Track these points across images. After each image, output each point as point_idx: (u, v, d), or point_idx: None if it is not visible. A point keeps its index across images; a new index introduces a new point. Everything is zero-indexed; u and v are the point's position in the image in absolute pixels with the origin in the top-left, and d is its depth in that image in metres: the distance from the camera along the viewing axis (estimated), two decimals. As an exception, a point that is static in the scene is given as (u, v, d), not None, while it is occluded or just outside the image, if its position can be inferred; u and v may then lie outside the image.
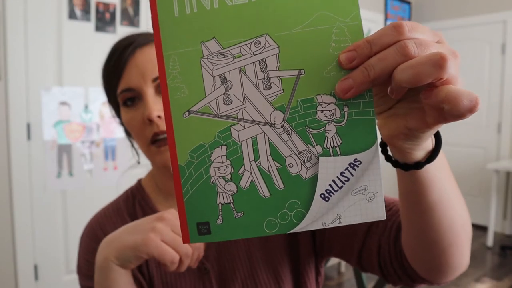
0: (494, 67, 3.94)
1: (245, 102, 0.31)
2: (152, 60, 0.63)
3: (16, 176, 2.01)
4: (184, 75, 0.31)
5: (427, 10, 4.38)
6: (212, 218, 0.32)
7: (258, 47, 0.30)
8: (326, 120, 0.30)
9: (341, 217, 0.31)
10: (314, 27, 0.29)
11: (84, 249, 0.70)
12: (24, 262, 2.06)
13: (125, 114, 0.65)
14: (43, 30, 2.05)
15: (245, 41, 0.30)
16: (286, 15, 0.30)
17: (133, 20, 2.35)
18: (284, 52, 0.30)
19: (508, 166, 3.40)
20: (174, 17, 0.31)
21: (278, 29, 0.30)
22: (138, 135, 0.64)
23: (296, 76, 0.30)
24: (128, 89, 0.63)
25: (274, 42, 0.30)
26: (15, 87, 1.97)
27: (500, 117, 3.92)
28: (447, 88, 0.27)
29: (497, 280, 2.90)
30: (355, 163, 0.31)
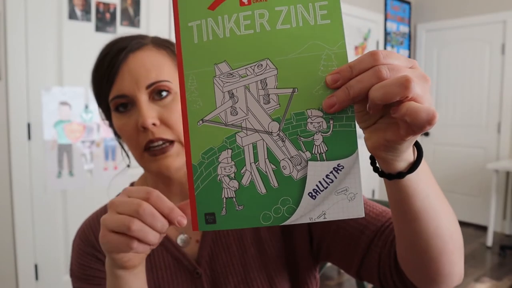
0: (494, 67, 3.94)
1: (248, 113, 0.37)
2: (145, 65, 0.61)
3: (17, 176, 2.01)
4: (200, 90, 0.38)
5: (427, 10, 4.38)
6: (218, 210, 0.38)
7: (260, 69, 0.37)
8: (314, 130, 0.36)
9: (326, 213, 0.37)
10: (307, 53, 0.36)
11: (77, 253, 0.69)
12: (25, 262, 2.06)
13: (118, 120, 0.63)
14: (44, 30, 2.05)
15: (250, 64, 0.37)
16: (284, 43, 0.36)
17: (133, 20, 2.35)
18: (281, 73, 0.36)
19: (507, 166, 3.40)
20: (194, 43, 0.38)
21: (277, 55, 0.36)
22: (131, 141, 0.63)
23: (291, 94, 0.36)
24: (121, 96, 0.61)
25: (274, 65, 0.37)
26: (15, 87, 1.97)
27: (500, 117, 3.93)
28: (409, 104, 0.33)
29: (496, 280, 2.90)
30: (339, 167, 0.36)
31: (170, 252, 0.68)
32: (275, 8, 0.36)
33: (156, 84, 0.61)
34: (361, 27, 3.91)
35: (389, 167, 0.40)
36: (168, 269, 0.67)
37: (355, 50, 3.87)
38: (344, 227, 0.62)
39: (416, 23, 4.48)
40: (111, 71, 0.61)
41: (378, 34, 4.10)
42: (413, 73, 0.34)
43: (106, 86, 0.62)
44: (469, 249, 3.49)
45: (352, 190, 0.36)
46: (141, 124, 0.59)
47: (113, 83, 0.61)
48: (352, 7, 3.77)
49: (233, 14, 0.37)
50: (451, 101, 4.25)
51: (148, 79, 0.60)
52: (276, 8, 0.36)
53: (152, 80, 0.60)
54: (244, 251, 0.67)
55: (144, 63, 0.61)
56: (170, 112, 0.61)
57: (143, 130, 0.60)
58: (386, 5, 4.14)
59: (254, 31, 0.37)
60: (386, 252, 0.57)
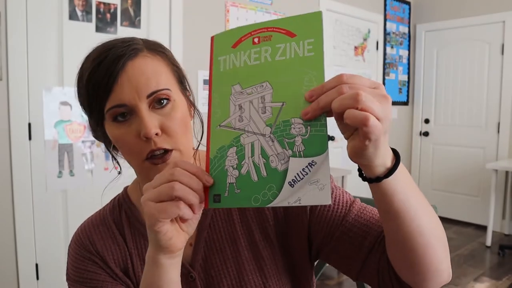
0: (493, 67, 3.95)
1: (250, 121, 0.49)
2: (144, 73, 0.60)
3: (17, 175, 2.02)
4: (220, 104, 0.51)
5: (427, 11, 4.39)
6: (222, 192, 0.50)
7: (261, 89, 0.49)
8: (296, 133, 0.46)
9: (301, 199, 0.46)
10: (295, 76, 0.47)
11: (73, 257, 0.70)
12: (26, 262, 2.07)
13: (116, 130, 0.61)
14: (44, 31, 2.05)
15: (255, 85, 0.49)
16: (279, 70, 0.48)
17: (134, 20, 2.36)
18: (276, 92, 0.48)
19: (507, 166, 3.41)
20: (220, 71, 0.52)
21: (274, 78, 0.48)
22: (130, 151, 0.61)
23: (280, 106, 0.47)
24: (121, 105, 0.59)
25: (271, 86, 0.49)
26: (16, 87, 1.98)
27: (499, 117, 3.93)
28: (349, 110, 0.41)
29: (496, 279, 2.91)
30: (312, 163, 0.45)
31: None
32: (276, 45, 0.49)
33: (157, 93, 0.60)
34: (361, 28, 3.92)
35: (369, 172, 0.48)
36: None
37: (355, 50, 3.88)
38: (348, 233, 0.63)
39: (415, 23, 4.49)
40: (108, 80, 0.58)
41: (378, 34, 4.10)
42: (372, 91, 0.43)
43: (103, 95, 0.59)
44: (468, 249, 3.50)
45: (322, 182, 0.45)
46: (144, 135, 0.58)
47: (110, 92, 0.59)
48: (352, 7, 3.77)
49: (247, 50, 0.50)
50: (451, 101, 4.26)
51: (149, 88, 0.59)
52: (277, 45, 0.49)
53: (153, 89, 0.60)
54: (238, 254, 0.68)
55: (143, 71, 0.60)
56: (171, 121, 0.60)
57: (145, 140, 0.59)
58: (386, 6, 4.15)
59: (260, 62, 0.49)
60: (385, 257, 0.58)
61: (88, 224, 0.72)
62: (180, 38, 2.57)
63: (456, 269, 3.07)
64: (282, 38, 0.48)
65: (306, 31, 0.47)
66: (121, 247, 0.69)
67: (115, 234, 0.70)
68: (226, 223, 0.69)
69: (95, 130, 0.67)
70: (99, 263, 0.68)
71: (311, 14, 0.47)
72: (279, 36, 0.49)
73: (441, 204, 4.27)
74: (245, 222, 0.69)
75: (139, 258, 0.69)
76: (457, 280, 2.87)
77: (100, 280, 0.67)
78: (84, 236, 0.70)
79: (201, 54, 2.70)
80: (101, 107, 0.60)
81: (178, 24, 2.56)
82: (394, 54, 4.31)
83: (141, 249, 0.70)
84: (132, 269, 0.69)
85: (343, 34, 3.75)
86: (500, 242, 3.55)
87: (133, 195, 0.74)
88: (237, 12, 2.90)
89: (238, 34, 0.51)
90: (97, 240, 0.69)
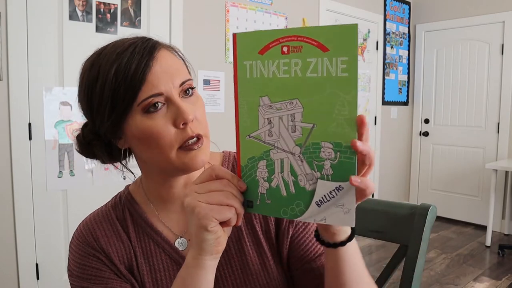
0: (493, 67, 3.95)
1: (280, 137, 0.49)
2: (172, 65, 0.61)
3: (18, 175, 2.02)
4: (248, 114, 0.51)
5: (426, 11, 4.39)
6: (255, 199, 0.53)
7: (291, 106, 0.48)
8: (325, 157, 0.47)
9: (326, 219, 0.48)
10: (327, 98, 0.45)
11: (76, 253, 0.68)
12: (26, 261, 2.07)
13: (148, 121, 0.59)
14: (45, 31, 2.06)
15: (284, 101, 0.48)
16: (310, 88, 0.46)
17: (134, 21, 2.36)
18: (306, 111, 0.47)
19: (506, 166, 3.41)
20: (246, 77, 0.50)
21: (304, 96, 0.47)
22: (162, 141, 0.60)
23: (311, 128, 0.47)
24: (157, 94, 0.58)
25: (301, 104, 0.47)
26: (16, 87, 1.98)
27: (499, 117, 3.94)
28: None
29: (495, 279, 2.91)
30: (339, 187, 0.47)
31: (169, 255, 0.69)
32: (306, 59, 0.46)
33: (186, 83, 0.62)
34: (360, 28, 3.92)
35: (333, 238, 0.54)
36: (167, 271, 0.68)
37: (354, 50, 3.88)
38: (314, 271, 0.69)
39: (415, 23, 4.49)
40: (142, 70, 0.58)
41: (378, 35, 4.11)
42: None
43: (135, 86, 0.58)
44: (468, 249, 3.50)
45: (348, 206, 0.46)
46: (184, 120, 0.59)
47: (143, 82, 0.58)
48: (352, 7, 3.78)
49: (276, 60, 0.48)
50: (450, 101, 4.27)
51: (179, 77, 0.61)
52: (308, 59, 0.46)
53: (183, 78, 0.62)
54: (243, 253, 0.68)
55: (171, 61, 0.62)
56: (198, 109, 0.63)
57: (182, 127, 0.60)
58: (386, 6, 4.15)
59: (289, 76, 0.47)
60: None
61: (91, 220, 0.71)
62: (180, 38, 2.57)
63: (456, 269, 3.07)
64: (313, 51, 0.45)
65: (339, 46, 0.44)
66: (125, 244, 0.69)
67: (119, 231, 0.70)
68: None
69: (97, 135, 0.64)
70: (103, 259, 0.67)
71: (346, 27, 0.44)
72: (310, 48, 0.46)
73: (440, 204, 4.27)
74: (249, 221, 0.70)
75: (143, 256, 0.69)
76: (457, 280, 2.88)
77: (104, 277, 0.66)
78: (87, 232, 0.69)
79: (201, 54, 2.70)
80: (132, 98, 0.58)
81: (178, 24, 2.57)
82: (394, 54, 4.31)
83: (145, 247, 0.69)
84: (136, 267, 0.68)
85: (343, 34, 3.74)
86: (500, 242, 3.55)
87: (136, 195, 0.73)
88: (237, 12, 2.90)
89: (265, 38, 0.48)
90: (101, 236, 0.68)
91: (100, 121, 0.62)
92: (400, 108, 4.43)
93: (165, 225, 0.70)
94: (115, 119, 0.60)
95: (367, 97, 4.07)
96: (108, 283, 0.66)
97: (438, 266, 3.13)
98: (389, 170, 4.36)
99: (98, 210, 0.74)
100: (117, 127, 0.61)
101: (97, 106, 0.61)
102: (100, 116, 0.61)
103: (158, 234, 0.69)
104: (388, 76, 4.26)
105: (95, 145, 0.65)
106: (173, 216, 0.71)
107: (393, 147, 4.41)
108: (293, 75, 0.47)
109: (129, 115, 0.60)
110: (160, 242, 0.69)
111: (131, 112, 0.59)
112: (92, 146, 0.66)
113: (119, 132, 0.62)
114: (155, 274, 0.68)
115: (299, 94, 0.47)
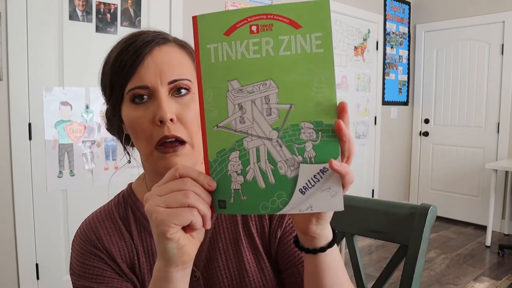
0: (493, 67, 3.95)
1: (253, 123, 0.45)
2: (169, 60, 0.61)
3: (18, 175, 2.02)
4: (215, 102, 0.46)
5: (426, 11, 4.39)
6: (228, 198, 0.47)
7: (265, 87, 0.44)
8: (306, 139, 0.44)
9: (313, 206, 0.44)
10: (303, 76, 0.43)
11: (78, 252, 0.68)
12: (26, 261, 2.07)
13: (132, 112, 0.61)
14: (45, 31, 2.06)
15: (256, 83, 0.44)
16: (285, 67, 0.43)
17: (134, 21, 2.36)
18: (282, 92, 0.44)
19: (506, 166, 3.41)
20: (211, 63, 0.45)
21: (279, 76, 0.43)
22: (143, 134, 0.61)
23: (288, 109, 0.44)
24: (142, 87, 0.60)
25: (275, 85, 0.44)
26: (16, 87, 1.99)
27: (498, 117, 3.94)
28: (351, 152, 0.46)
29: (495, 279, 2.91)
30: (324, 170, 0.44)
31: None
32: (278, 37, 0.43)
33: (179, 82, 0.61)
34: (360, 28, 3.92)
35: (313, 243, 0.51)
36: None
37: (355, 50, 3.88)
38: (300, 275, 0.67)
39: (415, 23, 4.49)
40: (135, 60, 0.60)
41: (378, 35, 4.11)
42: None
43: (127, 75, 0.60)
44: (468, 249, 3.50)
45: (334, 189, 0.44)
46: (160, 118, 0.58)
47: (134, 73, 0.60)
48: (352, 7, 3.77)
49: (244, 40, 0.44)
50: (450, 102, 4.27)
51: (172, 74, 0.61)
52: (280, 37, 0.43)
53: (175, 76, 0.61)
54: (240, 255, 0.68)
55: (169, 58, 0.62)
56: (187, 111, 0.61)
57: (159, 125, 0.59)
58: (386, 6, 4.15)
59: (260, 56, 0.44)
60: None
61: (93, 218, 0.71)
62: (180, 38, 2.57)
63: (456, 269, 3.07)
64: (285, 28, 0.43)
65: (312, 22, 0.42)
66: (127, 243, 0.69)
67: (122, 230, 0.69)
68: (230, 224, 0.70)
69: (112, 115, 0.66)
70: (105, 259, 0.67)
71: (318, 2, 0.42)
72: (281, 25, 0.43)
73: (440, 204, 4.27)
74: (246, 223, 0.70)
75: (145, 255, 0.69)
76: (457, 280, 2.88)
77: (106, 276, 0.66)
78: (89, 231, 0.69)
79: (201, 54, 2.70)
80: (123, 87, 0.61)
81: (178, 24, 2.57)
82: (394, 54, 4.31)
83: (147, 246, 0.69)
84: (138, 265, 0.68)
85: (343, 34, 3.75)
86: (500, 242, 3.55)
87: (138, 192, 0.73)
88: (237, 12, 2.90)
89: (230, 19, 0.44)
90: (104, 235, 0.68)
91: (106, 103, 0.66)
92: (400, 108, 4.43)
93: None
94: (113, 103, 0.64)
95: (367, 97, 4.07)
96: (109, 282, 0.66)
97: (438, 266, 3.13)
98: (389, 170, 4.36)
99: (101, 209, 0.73)
100: (116, 111, 0.64)
101: (103, 88, 0.66)
102: (105, 98, 0.66)
103: None
104: (388, 76, 4.26)
105: (113, 119, 0.67)
106: None
107: (393, 147, 4.41)
108: (264, 55, 0.44)
109: (122, 102, 0.63)
110: None
111: (123, 100, 0.63)
112: (111, 122, 0.68)
113: (119, 116, 0.65)
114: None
115: (272, 74, 0.44)
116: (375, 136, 4.18)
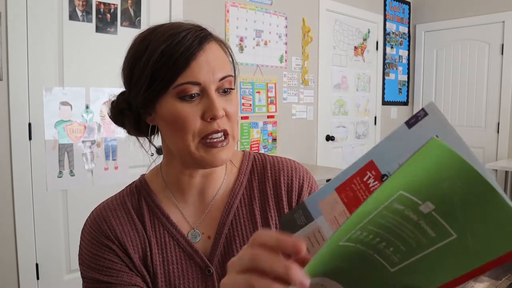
0: (492, 67, 3.95)
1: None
2: (218, 57, 0.63)
3: (18, 175, 2.02)
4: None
5: (426, 11, 4.40)
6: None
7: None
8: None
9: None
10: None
11: (89, 242, 0.67)
12: (26, 261, 2.07)
13: (178, 106, 0.60)
14: (45, 31, 2.06)
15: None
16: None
17: (134, 21, 2.36)
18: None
19: (506, 166, 3.41)
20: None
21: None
22: (188, 130, 0.61)
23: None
24: (194, 83, 0.60)
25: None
26: (16, 87, 1.98)
27: (498, 117, 3.94)
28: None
29: (495, 279, 2.91)
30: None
31: (182, 247, 0.68)
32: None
33: (228, 78, 0.63)
34: (360, 28, 3.92)
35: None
36: (179, 264, 0.68)
37: (354, 50, 3.88)
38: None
39: (415, 23, 4.49)
40: (188, 55, 0.59)
41: (378, 35, 4.11)
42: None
43: (177, 69, 0.59)
44: (468, 249, 3.50)
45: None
46: (213, 116, 0.60)
47: (186, 68, 0.59)
48: (351, 7, 3.78)
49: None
50: (450, 101, 4.27)
51: (222, 71, 0.62)
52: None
53: (225, 73, 0.63)
54: (252, 215, 0.69)
55: (217, 55, 0.63)
56: (232, 107, 0.63)
57: (209, 121, 0.61)
58: (386, 6, 4.15)
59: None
60: None
61: (105, 207, 0.69)
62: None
63: (456, 269, 3.07)
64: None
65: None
66: (140, 233, 0.68)
67: (134, 220, 0.68)
68: (248, 222, 0.70)
69: (142, 106, 0.64)
70: (116, 250, 0.65)
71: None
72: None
73: (440, 204, 4.27)
74: (265, 221, 0.70)
75: (158, 246, 0.68)
76: (457, 280, 2.88)
77: (116, 269, 0.65)
78: (101, 220, 0.67)
79: (201, 54, 2.70)
80: (171, 80, 0.60)
81: (178, 24, 2.57)
82: (394, 54, 4.31)
83: (160, 238, 0.68)
84: (150, 257, 0.67)
85: (343, 34, 3.75)
86: (500, 242, 3.55)
87: (153, 183, 0.72)
88: (237, 12, 2.90)
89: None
90: (116, 225, 0.67)
91: (135, 94, 0.64)
92: (400, 108, 4.43)
93: (181, 213, 0.70)
94: (149, 96, 0.62)
95: (367, 97, 4.07)
96: (118, 275, 0.64)
97: (438, 266, 3.13)
98: (389, 170, 4.36)
99: (112, 198, 0.72)
100: (150, 104, 0.63)
101: (136, 79, 0.63)
102: (136, 89, 0.63)
103: (174, 226, 0.69)
104: (388, 76, 4.26)
105: (126, 114, 0.67)
106: (190, 206, 0.71)
107: (393, 147, 4.40)
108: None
109: (164, 96, 0.62)
110: (175, 235, 0.69)
111: (166, 94, 0.61)
112: (123, 115, 0.68)
113: (150, 109, 0.64)
114: (168, 266, 0.67)
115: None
116: (375, 136, 4.18)
